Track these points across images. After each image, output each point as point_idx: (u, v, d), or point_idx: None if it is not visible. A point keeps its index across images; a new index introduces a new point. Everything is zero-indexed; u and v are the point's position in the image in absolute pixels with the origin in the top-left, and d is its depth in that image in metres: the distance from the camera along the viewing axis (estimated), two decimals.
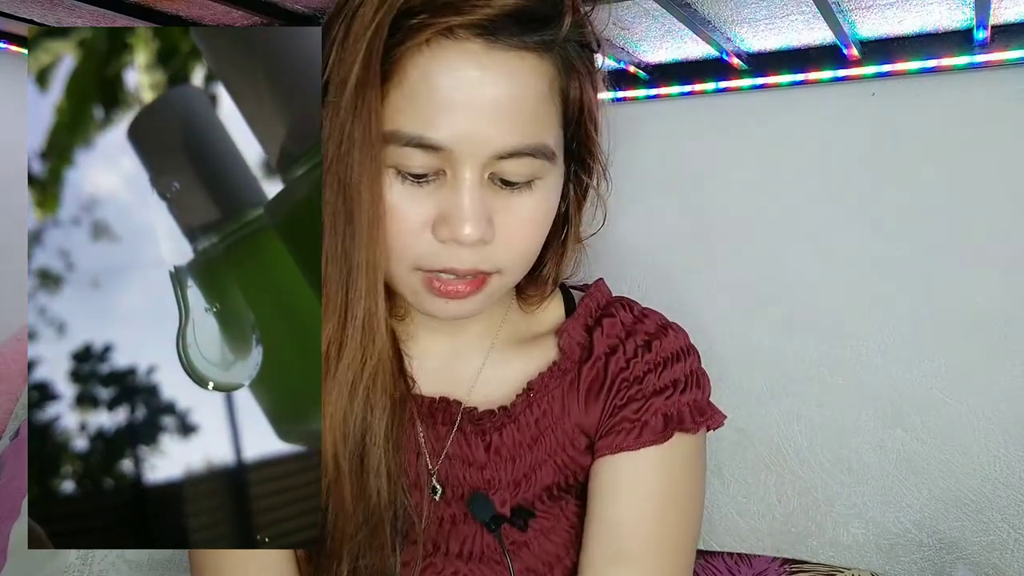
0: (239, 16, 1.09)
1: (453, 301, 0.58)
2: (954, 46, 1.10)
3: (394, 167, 0.54)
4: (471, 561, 0.63)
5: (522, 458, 0.65)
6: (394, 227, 0.54)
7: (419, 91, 0.51)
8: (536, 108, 0.54)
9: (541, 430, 0.66)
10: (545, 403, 0.66)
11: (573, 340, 0.69)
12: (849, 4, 1.01)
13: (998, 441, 1.13)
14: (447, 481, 0.65)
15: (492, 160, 0.54)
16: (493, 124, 0.52)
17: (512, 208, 0.56)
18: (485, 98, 0.51)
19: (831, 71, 1.18)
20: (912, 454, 1.16)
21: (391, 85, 0.52)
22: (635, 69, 1.29)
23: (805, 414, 1.23)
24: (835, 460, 1.22)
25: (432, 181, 0.54)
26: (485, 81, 0.51)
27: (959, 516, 1.15)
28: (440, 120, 0.51)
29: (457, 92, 0.51)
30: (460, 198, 0.53)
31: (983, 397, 1.12)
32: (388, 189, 0.54)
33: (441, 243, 0.55)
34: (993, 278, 1.12)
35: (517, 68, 0.52)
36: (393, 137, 0.52)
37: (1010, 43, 1.07)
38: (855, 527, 1.21)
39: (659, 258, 1.27)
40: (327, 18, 0.59)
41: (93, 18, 1.10)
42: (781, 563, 1.20)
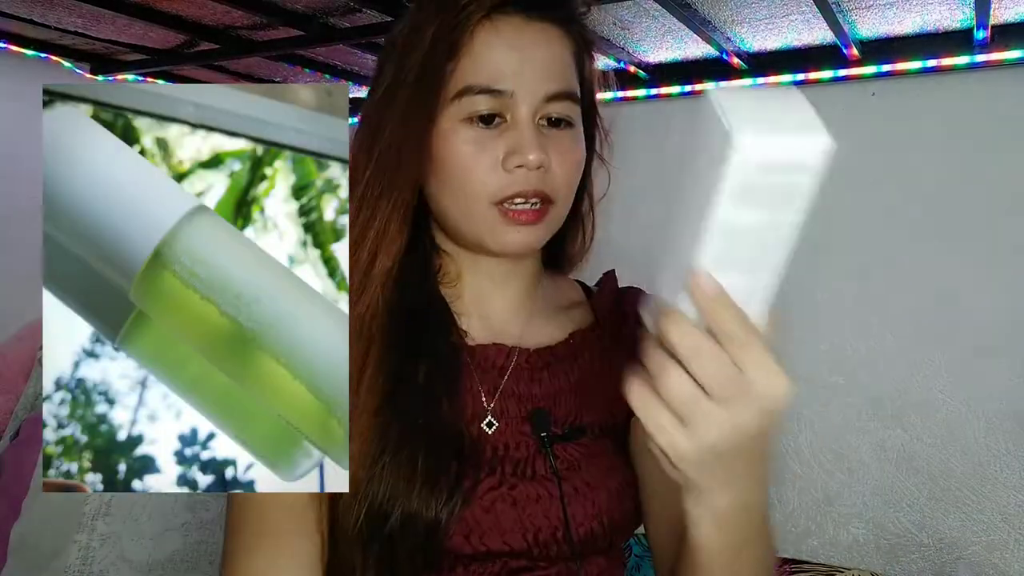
0: (239, 16, 1.09)
1: (523, 228, 0.69)
2: (954, 46, 1.10)
3: (467, 118, 0.67)
4: (524, 480, 0.70)
5: (569, 394, 0.75)
6: (472, 167, 0.67)
7: (483, 54, 0.67)
8: (566, 66, 0.70)
9: (584, 375, 0.75)
10: (587, 354, 0.76)
11: (605, 307, 0.80)
12: (849, 4, 1.01)
13: (998, 441, 1.13)
14: (501, 414, 0.73)
15: (541, 103, 0.68)
16: (540, 73, 0.68)
17: (557, 145, 0.69)
18: (531, 55, 0.68)
19: (831, 71, 1.18)
20: (912, 454, 1.16)
21: (462, 55, 0.67)
22: (635, 69, 1.29)
23: (805, 414, 1.23)
24: (835, 460, 1.22)
25: (498, 126, 0.68)
26: (528, 43, 0.69)
27: (959, 516, 1.15)
28: (503, 71, 0.67)
29: (512, 51, 0.68)
30: (522, 134, 0.67)
31: (983, 397, 1.12)
32: (462, 139, 0.68)
33: (509, 174, 0.67)
34: (993, 278, 1.12)
35: (549, 35, 0.70)
36: (467, 91, 0.67)
37: (1010, 43, 1.07)
38: (855, 527, 1.21)
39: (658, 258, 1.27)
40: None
41: (93, 17, 1.10)
42: (781, 563, 1.20)
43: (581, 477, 0.71)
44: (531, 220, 0.68)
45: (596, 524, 0.70)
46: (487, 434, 0.71)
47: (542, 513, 0.68)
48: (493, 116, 0.68)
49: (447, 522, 0.65)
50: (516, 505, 0.69)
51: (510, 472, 0.70)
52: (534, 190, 0.67)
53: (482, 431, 0.71)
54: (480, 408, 0.72)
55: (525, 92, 0.67)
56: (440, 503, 0.65)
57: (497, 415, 0.72)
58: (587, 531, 0.69)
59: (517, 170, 0.67)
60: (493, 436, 0.72)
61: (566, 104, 0.69)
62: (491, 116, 0.68)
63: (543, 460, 0.71)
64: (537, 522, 0.68)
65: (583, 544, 0.69)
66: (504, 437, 0.71)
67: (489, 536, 0.67)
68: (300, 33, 1.12)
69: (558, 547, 0.69)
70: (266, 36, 1.18)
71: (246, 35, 1.18)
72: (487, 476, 0.69)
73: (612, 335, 0.77)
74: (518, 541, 0.68)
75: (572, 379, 0.75)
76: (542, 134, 0.68)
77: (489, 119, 0.68)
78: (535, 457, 0.71)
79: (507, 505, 0.68)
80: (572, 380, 0.75)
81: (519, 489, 0.69)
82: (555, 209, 0.70)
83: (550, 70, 0.69)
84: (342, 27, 1.13)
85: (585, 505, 0.70)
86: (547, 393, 0.74)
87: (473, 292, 0.76)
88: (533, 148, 0.66)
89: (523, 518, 0.68)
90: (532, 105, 0.67)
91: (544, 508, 0.69)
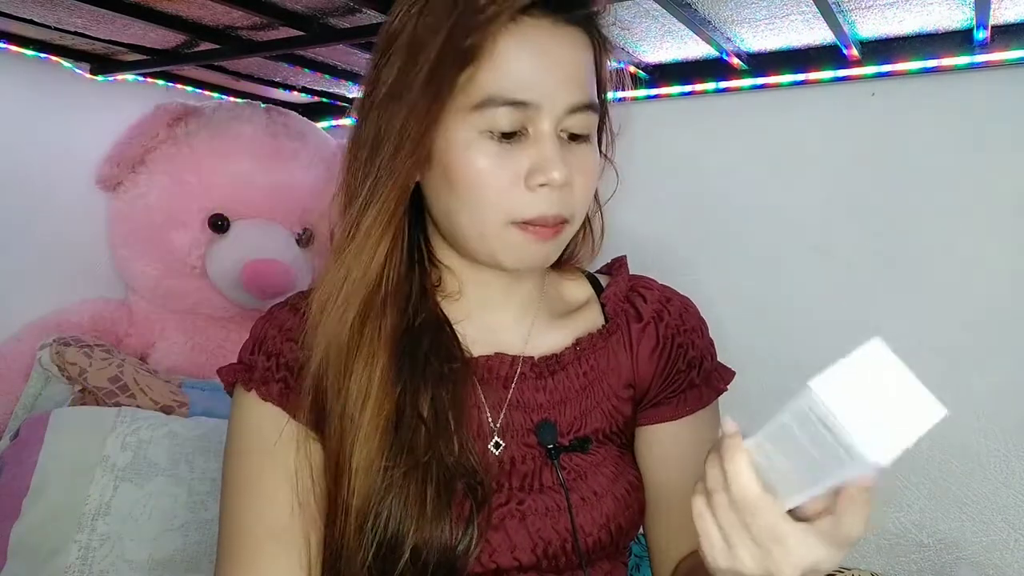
0: (239, 16, 1.09)
1: (537, 243, 0.66)
2: (954, 46, 1.10)
3: (487, 131, 0.62)
4: (532, 493, 0.69)
5: (574, 402, 0.73)
6: (492, 184, 0.63)
7: (509, 61, 0.61)
8: (588, 73, 0.66)
9: (590, 381, 0.74)
10: (592, 359, 0.74)
11: (618, 306, 0.78)
12: (849, 4, 1.01)
13: (998, 441, 1.13)
14: (507, 428, 0.72)
15: (564, 115, 0.63)
16: (565, 83, 0.63)
17: (576, 160, 0.65)
18: (558, 63, 0.63)
19: (831, 71, 1.18)
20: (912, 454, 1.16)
21: (483, 61, 0.61)
22: (635, 69, 1.29)
23: None
24: None
25: (519, 140, 0.63)
26: (556, 50, 0.63)
27: (959, 516, 1.15)
28: (530, 81, 0.61)
29: (539, 59, 0.62)
30: (546, 148, 0.62)
31: (983, 397, 1.12)
32: (483, 153, 0.62)
33: (531, 192, 0.64)
34: (993, 278, 1.12)
35: (575, 40, 0.64)
36: (489, 102, 0.61)
37: (1010, 43, 1.07)
38: None
39: (658, 257, 1.27)
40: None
41: (93, 17, 1.10)
42: None
43: (588, 486, 0.70)
44: (548, 237, 0.66)
45: (604, 533, 0.69)
46: (494, 455, 0.70)
47: (551, 526, 0.67)
48: (515, 132, 0.63)
49: (468, 550, 0.63)
50: (525, 520, 0.68)
51: (517, 487, 0.69)
52: (555, 215, 0.64)
53: (488, 452, 0.70)
54: (486, 428, 0.71)
55: (550, 103, 0.62)
56: (455, 538, 0.63)
57: (503, 433, 0.71)
58: (595, 540, 0.68)
59: (540, 188, 0.63)
60: (502, 451, 0.71)
61: (587, 116, 0.65)
62: (512, 132, 0.62)
63: (550, 471, 0.70)
64: (547, 536, 0.67)
65: (591, 553, 0.69)
66: (510, 451, 0.70)
67: (499, 553, 0.66)
68: (300, 33, 1.12)
69: (567, 558, 0.68)
70: (266, 36, 1.18)
71: (246, 35, 1.18)
72: (495, 493, 0.67)
73: (622, 331, 0.76)
74: (527, 556, 0.67)
75: (577, 385, 0.73)
76: (563, 148, 0.64)
77: (511, 135, 0.63)
78: (542, 469, 0.70)
79: (516, 521, 0.67)
80: (577, 386, 0.73)
81: (527, 504, 0.68)
82: (569, 227, 0.67)
83: (575, 79, 0.64)
84: (342, 27, 1.13)
85: (593, 514, 0.69)
86: (552, 402, 0.72)
87: (476, 304, 0.73)
88: (558, 165, 0.62)
89: (532, 533, 0.67)
90: (555, 117, 0.63)
91: (553, 521, 0.68)
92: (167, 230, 1.35)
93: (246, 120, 1.40)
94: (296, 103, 1.60)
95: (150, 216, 1.34)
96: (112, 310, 1.40)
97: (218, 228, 1.36)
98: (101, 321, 1.37)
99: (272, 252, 1.35)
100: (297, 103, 1.60)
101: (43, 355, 1.21)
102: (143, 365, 1.29)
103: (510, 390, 0.71)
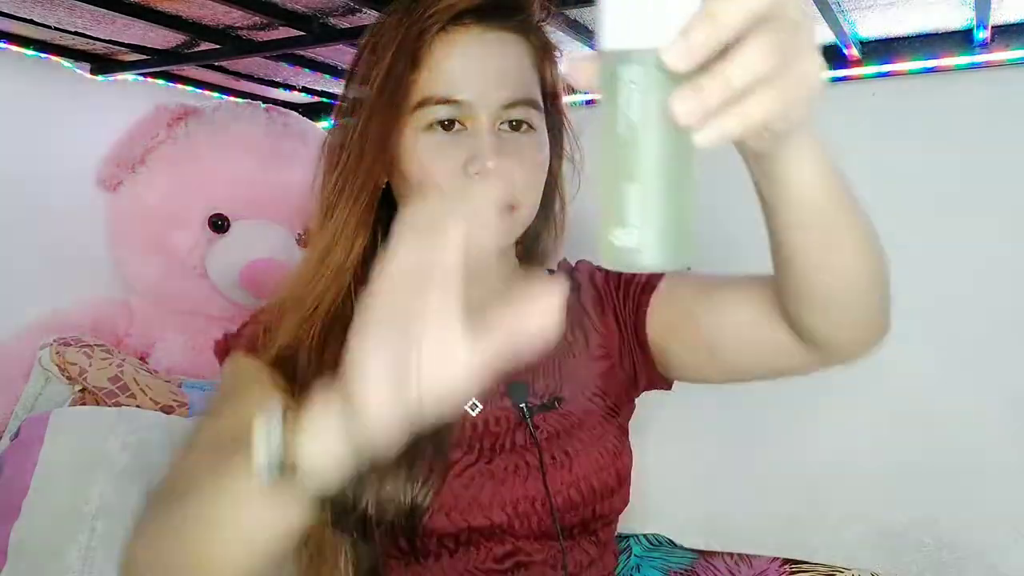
0: (239, 16, 1.09)
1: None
2: (954, 46, 1.10)
3: (427, 125, 0.69)
4: (503, 452, 0.73)
5: (547, 369, 0.77)
6: (434, 174, 0.69)
7: (441, 65, 0.69)
8: (524, 73, 0.72)
9: (561, 351, 0.79)
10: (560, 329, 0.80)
11: (568, 284, 0.83)
12: (849, 4, 1.01)
13: (998, 441, 1.13)
14: (484, 392, 0.75)
15: (500, 110, 0.70)
16: (497, 81, 0.70)
17: (518, 150, 0.71)
18: (489, 64, 0.70)
19: (831, 71, 1.17)
20: (912, 454, 1.16)
21: (422, 67, 0.69)
22: None
23: (805, 414, 1.23)
24: (835, 460, 1.22)
25: (459, 132, 0.70)
26: (487, 52, 0.70)
27: (959, 516, 1.15)
28: (460, 81, 0.69)
29: (468, 61, 0.69)
30: (481, 140, 0.69)
31: (983, 397, 1.12)
32: (423, 147, 0.69)
33: (470, 180, 0.68)
34: (993, 277, 1.12)
35: (506, 43, 0.71)
36: (426, 101, 0.69)
37: (1010, 43, 1.07)
38: (855, 527, 1.21)
39: None
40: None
41: (93, 17, 1.10)
42: (781, 563, 1.20)
43: (560, 446, 0.73)
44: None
45: (574, 491, 0.71)
46: (469, 415, 0.73)
47: (521, 483, 0.71)
48: (453, 122, 0.70)
49: (425, 504, 0.66)
50: (495, 478, 0.71)
51: (488, 447, 0.72)
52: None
53: (465, 412, 0.73)
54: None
55: (483, 100, 0.69)
56: (416, 487, 0.66)
57: (480, 396, 0.74)
58: (566, 499, 0.71)
59: (477, 176, 0.68)
60: (476, 415, 0.74)
61: (525, 109, 0.71)
62: (452, 122, 0.70)
63: (523, 431, 0.73)
64: (516, 493, 0.70)
65: (564, 513, 0.71)
66: (484, 415, 0.74)
67: (470, 512, 0.69)
68: (300, 33, 1.12)
69: (539, 519, 0.70)
70: (266, 36, 1.18)
71: (246, 35, 1.18)
72: (465, 454, 0.71)
73: (577, 302, 0.82)
74: (499, 515, 0.70)
75: (549, 353, 0.75)
76: (502, 139, 0.70)
77: (450, 125, 0.70)
78: (515, 430, 0.73)
79: (486, 479, 0.70)
80: (549, 355, 0.76)
81: (496, 462, 0.71)
82: (519, 213, 0.72)
83: (508, 78, 0.70)
84: (342, 27, 1.13)
85: (562, 473, 0.72)
86: (525, 368, 0.75)
87: None
88: (491, 154, 0.68)
89: (502, 491, 0.70)
90: (491, 112, 0.69)
91: (523, 479, 0.71)
92: (167, 230, 1.35)
93: (246, 120, 1.40)
94: (296, 103, 1.60)
95: (150, 216, 1.34)
96: (112, 310, 1.40)
97: (218, 228, 1.36)
98: (101, 321, 1.37)
99: (272, 252, 1.35)
100: (297, 103, 1.60)
101: (43, 355, 1.21)
102: (143, 365, 1.29)
103: None
